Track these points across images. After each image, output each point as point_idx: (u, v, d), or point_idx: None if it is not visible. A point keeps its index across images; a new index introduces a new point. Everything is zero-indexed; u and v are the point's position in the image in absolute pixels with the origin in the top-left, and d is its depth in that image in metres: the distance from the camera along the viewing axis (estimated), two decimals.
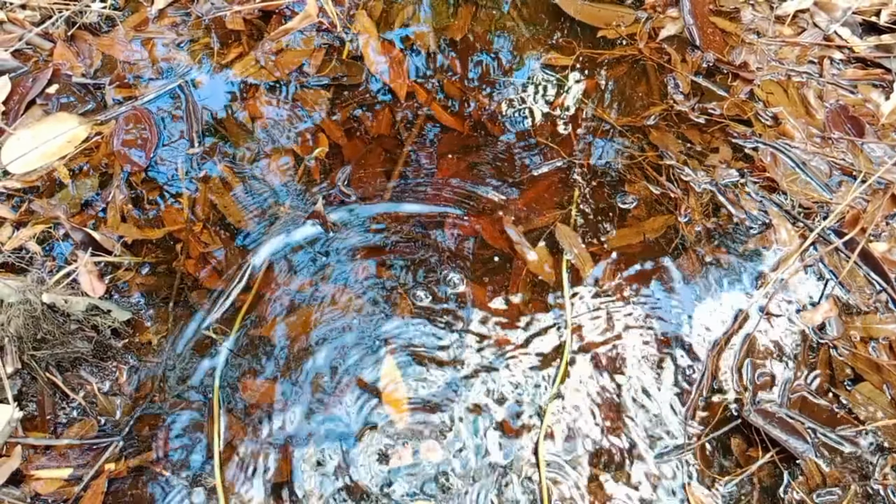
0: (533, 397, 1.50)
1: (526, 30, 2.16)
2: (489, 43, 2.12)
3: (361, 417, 1.48)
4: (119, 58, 2.02)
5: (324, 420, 1.47)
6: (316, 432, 1.46)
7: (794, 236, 1.71)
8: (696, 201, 1.78)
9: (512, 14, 2.19)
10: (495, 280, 1.67)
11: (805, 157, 1.86)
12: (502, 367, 1.54)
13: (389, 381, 1.53)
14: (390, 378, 1.53)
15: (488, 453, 1.44)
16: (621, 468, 1.43)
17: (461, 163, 1.88)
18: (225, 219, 1.76)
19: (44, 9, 2.02)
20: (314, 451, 1.44)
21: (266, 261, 1.68)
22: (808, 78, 2.01)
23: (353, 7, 2.15)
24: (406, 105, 1.98)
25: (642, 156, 1.87)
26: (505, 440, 1.46)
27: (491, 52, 2.10)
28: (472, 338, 1.58)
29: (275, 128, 1.92)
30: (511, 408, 1.49)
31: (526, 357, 1.56)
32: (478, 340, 1.57)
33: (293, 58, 2.04)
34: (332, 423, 1.47)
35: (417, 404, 1.50)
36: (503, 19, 2.18)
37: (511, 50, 2.11)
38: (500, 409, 1.49)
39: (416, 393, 1.51)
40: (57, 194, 1.77)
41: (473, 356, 1.55)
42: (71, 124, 1.86)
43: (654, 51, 2.09)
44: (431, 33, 2.12)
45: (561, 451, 1.45)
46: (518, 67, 2.07)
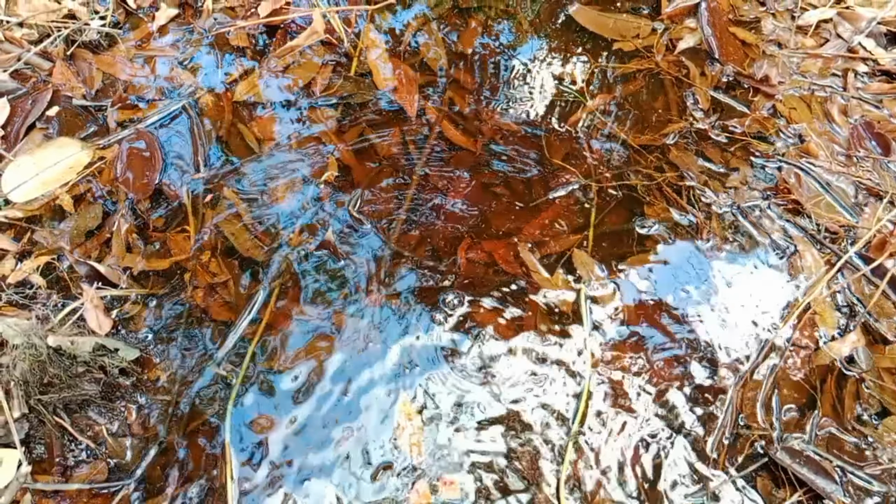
0: (553, 435, 1.49)
1: (539, 43, 2.13)
2: (501, 57, 2.09)
3: (377, 456, 1.47)
4: (120, 77, 1.99)
5: (338, 459, 1.47)
6: (330, 471, 1.45)
7: (821, 262, 1.70)
8: (718, 225, 1.76)
9: (524, 26, 2.16)
10: (511, 309, 1.65)
11: (829, 177, 1.84)
12: (520, 402, 1.53)
13: (405, 419, 1.52)
14: (405, 415, 1.52)
15: (508, 492, 1.43)
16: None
17: (474, 183, 1.86)
18: (233, 247, 1.74)
19: (42, 27, 1.99)
20: (329, 490, 1.43)
21: (274, 291, 1.67)
22: (831, 92, 1.99)
23: (360, 21, 2.12)
24: (416, 123, 1.96)
25: (662, 177, 1.85)
26: (524, 481, 1.45)
27: (503, 67, 2.08)
28: (488, 372, 1.57)
29: (282, 149, 1.90)
30: (530, 446, 1.48)
31: (544, 393, 1.54)
32: (493, 375, 1.56)
33: (300, 75, 2.01)
34: (347, 461, 1.46)
35: (433, 442, 1.49)
36: (515, 32, 2.15)
37: (524, 64, 2.08)
38: (519, 448, 1.48)
39: (431, 430, 1.50)
40: (60, 224, 1.76)
41: (489, 391, 1.54)
42: (73, 149, 1.84)
43: (672, 64, 2.06)
44: (441, 48, 2.09)
45: (582, 493, 1.44)
46: (531, 82, 2.04)
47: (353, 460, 1.47)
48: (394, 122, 1.96)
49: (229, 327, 1.62)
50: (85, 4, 2.05)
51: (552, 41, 2.13)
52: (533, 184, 1.86)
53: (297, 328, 1.63)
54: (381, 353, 1.59)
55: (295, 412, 1.52)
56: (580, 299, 1.66)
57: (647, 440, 1.49)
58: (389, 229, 1.77)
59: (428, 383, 1.56)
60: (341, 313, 1.64)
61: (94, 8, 2.07)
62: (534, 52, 2.11)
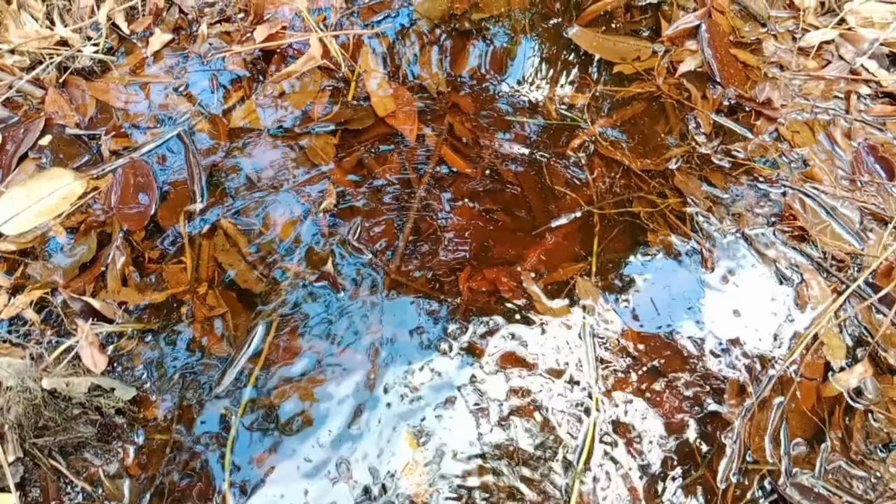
0: (558, 472, 1.48)
1: (539, 66, 2.12)
2: (501, 81, 2.08)
3: (378, 490, 1.45)
4: (114, 105, 1.98)
5: (340, 493, 1.45)
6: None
7: (828, 291, 1.69)
8: (723, 253, 1.75)
9: (524, 50, 2.15)
10: (514, 339, 1.64)
11: (834, 202, 1.83)
12: (523, 437, 1.51)
13: (408, 453, 1.50)
14: (408, 449, 1.51)
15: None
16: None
17: (475, 210, 1.85)
18: (231, 279, 1.72)
19: (33, 54, 1.97)
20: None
21: (273, 325, 1.65)
22: (834, 115, 1.98)
23: (357, 45, 2.10)
24: (416, 149, 1.95)
25: (664, 203, 1.84)
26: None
27: (502, 91, 2.07)
28: (490, 404, 1.55)
29: (280, 177, 1.88)
30: (535, 484, 1.47)
31: (549, 426, 1.53)
32: (495, 407, 1.55)
33: (297, 101, 2.00)
34: (350, 495, 1.45)
35: (436, 476, 1.47)
36: (515, 56, 2.14)
37: (523, 88, 2.07)
38: (523, 487, 1.47)
39: (434, 464, 1.49)
40: (54, 257, 1.73)
41: (492, 423, 1.53)
42: (66, 180, 1.82)
43: (673, 87, 2.06)
44: (440, 72, 2.08)
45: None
46: (531, 106, 2.03)
47: (355, 494, 1.45)
48: (393, 148, 1.95)
49: (228, 362, 1.60)
50: (77, 31, 2.03)
51: (552, 64, 2.12)
52: (534, 210, 1.84)
53: (298, 362, 1.61)
54: (383, 385, 1.58)
55: (296, 447, 1.50)
56: (584, 330, 1.65)
57: (653, 476, 1.47)
58: (390, 258, 1.76)
59: (431, 416, 1.54)
60: (342, 346, 1.63)
61: (86, 34, 2.05)
62: (533, 76, 2.10)
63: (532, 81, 2.09)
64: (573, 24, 2.20)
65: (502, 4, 2.25)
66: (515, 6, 2.25)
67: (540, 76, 2.10)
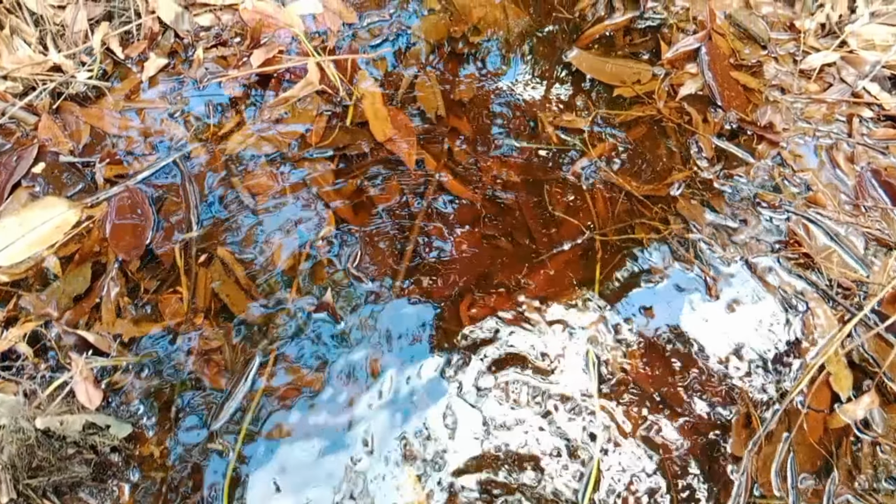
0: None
1: (538, 90, 2.11)
2: (499, 105, 2.08)
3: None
4: (109, 131, 1.96)
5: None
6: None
7: (834, 320, 1.68)
8: (727, 281, 1.74)
9: (523, 73, 2.14)
10: (516, 370, 1.62)
11: (838, 228, 1.83)
12: (527, 470, 1.50)
13: (410, 490, 1.48)
14: (411, 486, 1.49)
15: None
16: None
17: (475, 236, 1.84)
18: (227, 309, 1.70)
19: (26, 80, 1.96)
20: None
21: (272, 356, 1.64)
22: (836, 139, 1.98)
23: (355, 69, 2.09)
24: (415, 174, 1.94)
25: (667, 229, 1.83)
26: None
27: (501, 115, 2.06)
28: (494, 437, 1.53)
29: (278, 204, 1.87)
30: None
31: (553, 460, 1.51)
32: (499, 439, 1.53)
33: (295, 127, 1.99)
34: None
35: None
36: (513, 79, 2.13)
37: (523, 111, 2.06)
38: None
39: (437, 501, 1.47)
40: (47, 288, 1.71)
41: (496, 456, 1.51)
42: (60, 209, 1.80)
43: (674, 110, 2.05)
44: (438, 96, 2.07)
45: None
46: (531, 130, 2.02)
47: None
48: (392, 173, 1.94)
49: (225, 396, 1.58)
50: (71, 57, 2.02)
51: (551, 88, 2.12)
52: (535, 236, 1.83)
53: (297, 395, 1.59)
54: (384, 418, 1.56)
55: (296, 484, 1.48)
56: (588, 360, 1.63)
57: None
58: (390, 286, 1.74)
59: (435, 450, 1.52)
60: (343, 378, 1.61)
61: (80, 59, 2.04)
62: (533, 100, 2.09)
63: (531, 105, 2.08)
64: (572, 46, 2.19)
65: (501, 27, 2.24)
66: (514, 29, 2.24)
67: (539, 100, 2.09)
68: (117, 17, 2.12)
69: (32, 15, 2.03)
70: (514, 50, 2.20)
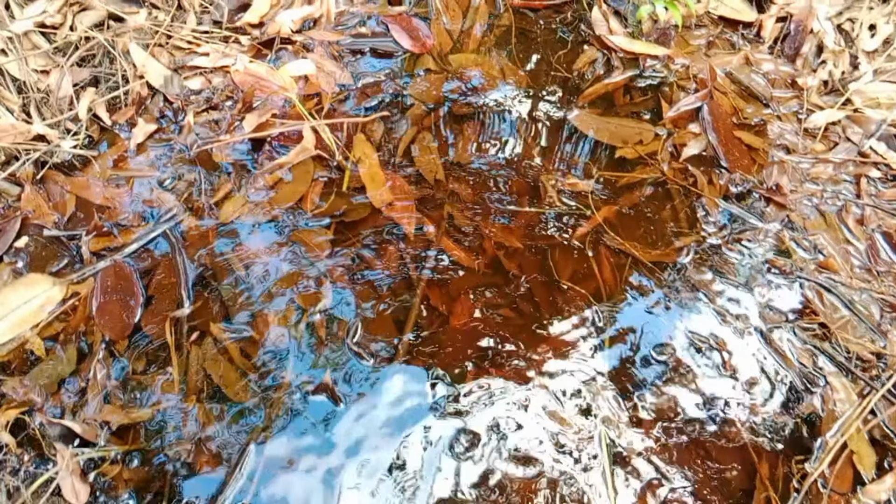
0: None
1: (539, 151, 2.09)
2: (500, 167, 2.05)
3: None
4: (95, 201, 1.91)
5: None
6: None
7: (853, 395, 1.64)
8: (741, 354, 1.71)
9: (523, 136, 2.12)
10: (525, 449, 1.57)
11: (852, 294, 1.80)
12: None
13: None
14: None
15: None
16: None
17: (478, 306, 1.80)
18: (221, 391, 1.65)
19: (8, 149, 1.91)
20: None
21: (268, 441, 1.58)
22: (845, 200, 1.97)
23: (351, 132, 2.06)
24: (415, 241, 1.90)
25: (677, 299, 1.80)
26: None
27: (502, 178, 2.03)
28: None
29: (272, 276, 1.82)
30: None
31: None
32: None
33: (289, 194, 1.95)
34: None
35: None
36: (513, 140, 2.11)
37: (525, 174, 2.03)
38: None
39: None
40: (31, 371, 1.65)
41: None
42: (44, 286, 1.74)
43: (679, 172, 2.03)
44: (437, 159, 2.04)
45: None
46: (533, 194, 2.00)
47: None
48: (391, 240, 1.90)
49: (220, 486, 1.52)
50: (56, 125, 1.97)
51: (553, 149, 2.10)
52: (540, 304, 1.80)
53: (296, 483, 1.53)
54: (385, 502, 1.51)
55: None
56: (601, 442, 1.59)
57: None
58: (391, 361, 1.70)
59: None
60: (343, 465, 1.55)
61: (65, 127, 1.99)
62: (533, 162, 2.06)
63: (532, 167, 2.05)
64: (573, 106, 2.18)
65: (498, 87, 2.23)
66: (512, 89, 2.23)
67: (540, 162, 2.07)
68: (104, 81, 2.08)
69: (15, 81, 1.99)
70: (512, 110, 2.18)
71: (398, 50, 2.29)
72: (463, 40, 2.35)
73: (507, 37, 2.37)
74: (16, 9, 2.05)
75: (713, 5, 2.37)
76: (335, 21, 2.33)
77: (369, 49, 2.29)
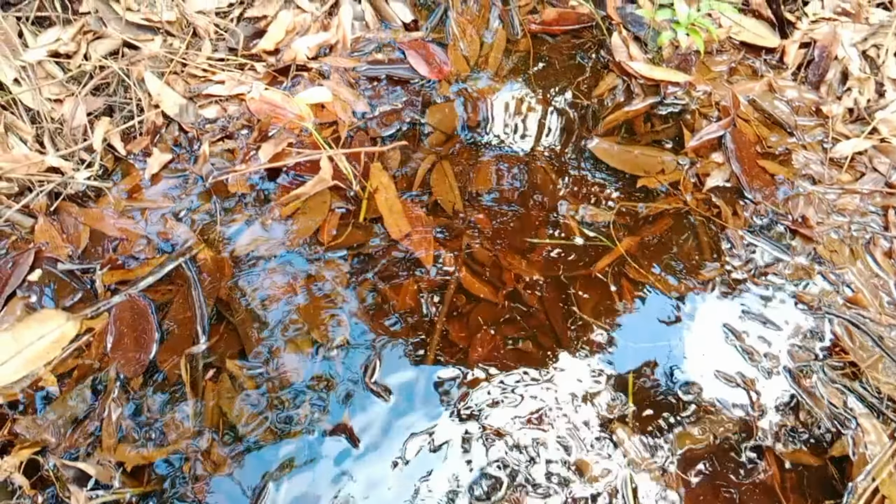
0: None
1: (558, 180, 2.07)
2: (520, 197, 2.03)
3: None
4: (109, 233, 1.90)
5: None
6: None
7: (884, 436, 1.61)
8: (769, 394, 1.68)
9: (542, 165, 2.10)
10: (550, 495, 1.55)
11: (881, 330, 1.77)
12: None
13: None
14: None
15: None
16: None
17: (498, 338, 1.78)
18: (237, 430, 1.63)
19: (22, 180, 1.90)
20: None
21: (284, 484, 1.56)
22: (873, 233, 1.94)
23: (368, 161, 2.05)
24: (433, 273, 1.88)
25: (703, 334, 1.77)
26: None
27: (521, 208, 2.01)
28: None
29: (289, 310, 1.80)
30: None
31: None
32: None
33: (306, 225, 1.93)
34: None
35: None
36: (531, 169, 2.09)
37: (544, 204, 2.01)
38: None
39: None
40: (44, 410, 1.63)
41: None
42: (58, 321, 1.73)
43: (702, 203, 2.01)
44: (455, 188, 2.03)
45: None
46: (553, 224, 1.98)
47: None
48: (409, 272, 1.88)
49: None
50: (70, 156, 1.96)
51: (573, 179, 2.07)
52: (560, 340, 1.77)
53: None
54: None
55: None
56: (625, 484, 1.56)
57: None
58: (410, 399, 1.68)
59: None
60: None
61: (79, 157, 1.98)
62: (554, 191, 2.04)
63: (553, 197, 2.03)
64: (592, 135, 2.16)
65: (518, 114, 2.21)
66: (531, 117, 2.21)
67: (561, 191, 2.04)
68: (118, 110, 2.08)
69: (29, 111, 1.99)
70: (531, 138, 2.16)
71: (415, 76, 2.28)
72: (480, 66, 2.33)
73: (526, 63, 2.36)
74: (29, 37, 2.04)
75: (735, 30, 2.35)
76: (351, 47, 2.31)
77: (386, 76, 2.28)
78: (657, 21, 2.30)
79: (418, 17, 2.45)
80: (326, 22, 2.35)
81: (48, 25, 2.11)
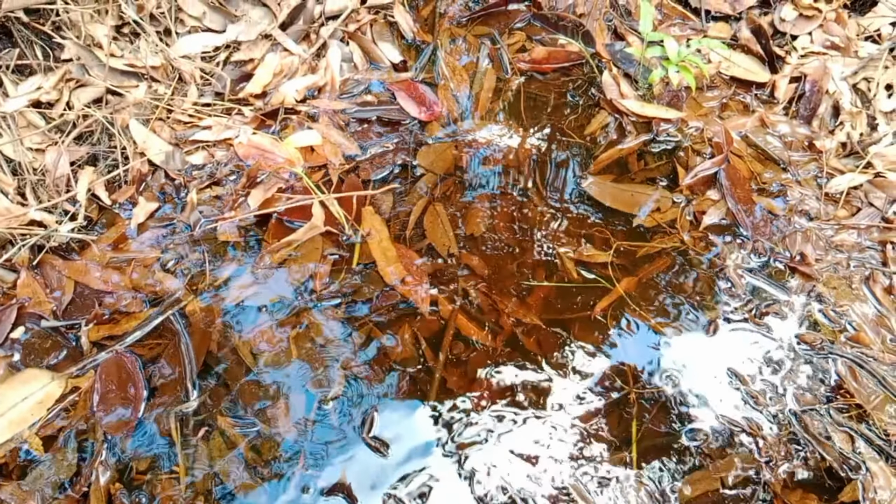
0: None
1: (554, 222, 2.05)
2: (514, 238, 2.01)
3: None
4: (94, 287, 1.86)
5: None
6: None
7: (893, 480, 1.59)
8: (776, 438, 1.66)
9: (536, 204, 2.08)
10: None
11: (884, 370, 1.76)
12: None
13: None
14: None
15: None
16: None
17: (497, 384, 1.75)
18: (230, 490, 1.58)
19: (3, 234, 1.85)
20: None
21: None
22: (872, 268, 1.94)
23: (360, 204, 2.02)
24: (429, 319, 1.85)
25: (706, 378, 1.75)
26: None
27: (516, 250, 1.99)
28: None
29: (281, 363, 1.76)
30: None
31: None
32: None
33: (298, 273, 1.90)
34: None
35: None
36: (527, 210, 2.07)
37: (540, 246, 2.00)
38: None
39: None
40: (29, 475, 1.58)
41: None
42: (42, 381, 1.68)
43: (699, 241, 2.00)
44: (449, 231, 2.00)
45: None
46: (548, 266, 1.96)
47: None
48: (404, 318, 1.85)
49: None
50: (52, 208, 1.92)
51: (568, 218, 2.06)
52: (562, 387, 1.75)
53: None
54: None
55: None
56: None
57: None
58: (409, 453, 1.64)
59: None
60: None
61: (62, 208, 1.94)
62: (549, 232, 2.03)
63: (548, 238, 2.01)
64: (586, 174, 2.15)
65: (510, 154, 2.20)
66: (524, 156, 2.20)
67: (556, 232, 2.03)
68: (103, 159, 2.04)
69: (9, 162, 1.95)
70: (524, 178, 2.15)
71: (405, 118, 2.26)
72: (471, 106, 2.33)
73: (517, 101, 2.35)
74: (9, 86, 2.01)
75: (725, 66, 2.36)
76: (340, 90, 2.30)
77: (376, 117, 2.26)
78: (647, 58, 2.31)
79: (407, 57, 2.44)
80: (314, 64, 2.34)
81: (29, 74, 2.08)
